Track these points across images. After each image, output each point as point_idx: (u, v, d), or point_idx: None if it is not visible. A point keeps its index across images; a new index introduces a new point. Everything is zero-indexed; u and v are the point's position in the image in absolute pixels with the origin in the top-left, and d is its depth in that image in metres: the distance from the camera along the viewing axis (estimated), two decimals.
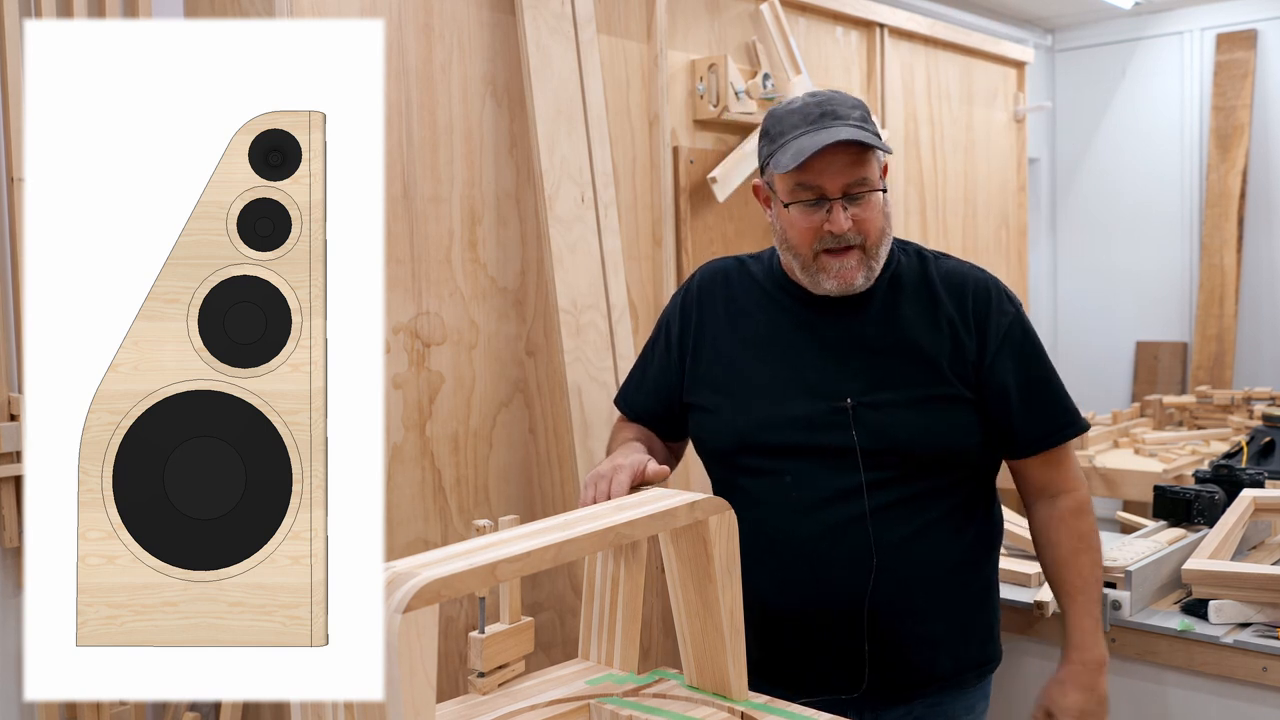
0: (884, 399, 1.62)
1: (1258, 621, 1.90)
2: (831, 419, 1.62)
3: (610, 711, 1.36)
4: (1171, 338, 5.77)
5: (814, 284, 1.64)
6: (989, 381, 1.65)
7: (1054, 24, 5.98)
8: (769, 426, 1.65)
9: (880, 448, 1.61)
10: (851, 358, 1.64)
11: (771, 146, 1.62)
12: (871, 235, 1.60)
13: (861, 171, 1.58)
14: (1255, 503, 2.17)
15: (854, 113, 1.60)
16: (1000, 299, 1.69)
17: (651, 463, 1.56)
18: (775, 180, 1.63)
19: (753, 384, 1.68)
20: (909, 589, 1.63)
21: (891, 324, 1.65)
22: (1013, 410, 1.66)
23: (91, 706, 2.18)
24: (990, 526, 1.76)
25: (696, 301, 1.79)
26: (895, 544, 1.61)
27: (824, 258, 1.60)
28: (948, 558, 1.66)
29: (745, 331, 1.72)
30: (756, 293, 1.74)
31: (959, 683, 1.70)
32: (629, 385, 1.90)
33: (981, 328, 1.65)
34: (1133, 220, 5.88)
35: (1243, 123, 5.46)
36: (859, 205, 1.59)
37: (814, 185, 1.58)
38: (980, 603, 1.73)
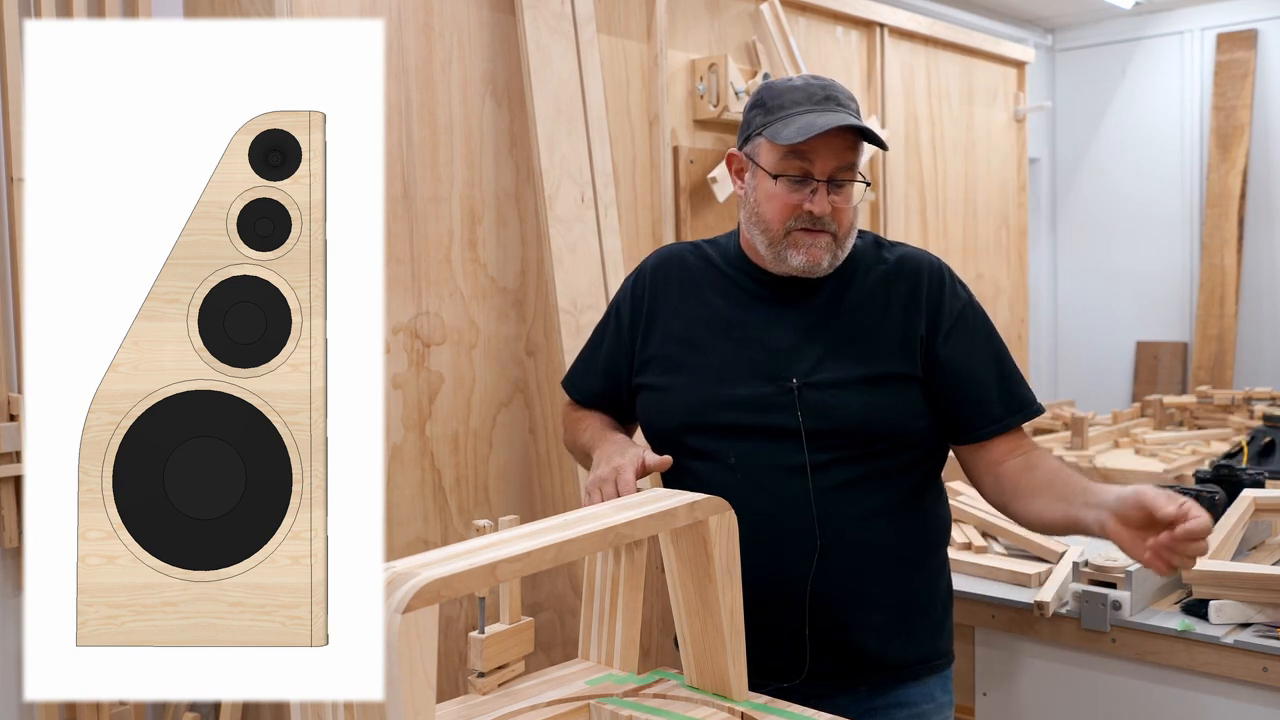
0: (829, 379, 1.61)
1: (1258, 621, 1.89)
2: (776, 399, 1.62)
3: (610, 712, 1.36)
4: (1172, 338, 5.77)
5: (778, 260, 1.64)
6: (941, 363, 1.64)
7: (1054, 24, 5.97)
8: (714, 407, 1.65)
9: (824, 428, 1.60)
10: (801, 339, 1.65)
11: (768, 118, 1.62)
12: (844, 225, 1.62)
13: (851, 157, 1.60)
14: (1255, 503, 2.17)
15: (852, 104, 1.63)
16: (953, 283, 1.70)
17: (648, 453, 1.58)
18: (762, 150, 1.63)
19: (701, 364, 1.68)
20: (854, 574, 1.62)
21: (843, 306, 1.66)
22: (966, 392, 1.65)
23: (91, 706, 2.18)
24: (938, 519, 1.75)
25: (649, 284, 1.78)
26: (840, 528, 1.60)
27: (796, 234, 1.61)
28: (894, 545, 1.65)
29: (697, 312, 1.72)
30: (712, 274, 1.74)
31: (913, 674, 1.68)
32: (577, 369, 1.88)
33: (934, 310, 1.66)
34: (1133, 220, 5.88)
35: (1243, 122, 5.46)
36: (840, 193, 1.60)
37: (806, 160, 1.58)
38: (929, 594, 1.72)
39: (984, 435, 1.66)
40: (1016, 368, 1.72)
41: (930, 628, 1.71)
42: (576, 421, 1.86)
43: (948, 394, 1.65)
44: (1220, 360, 5.44)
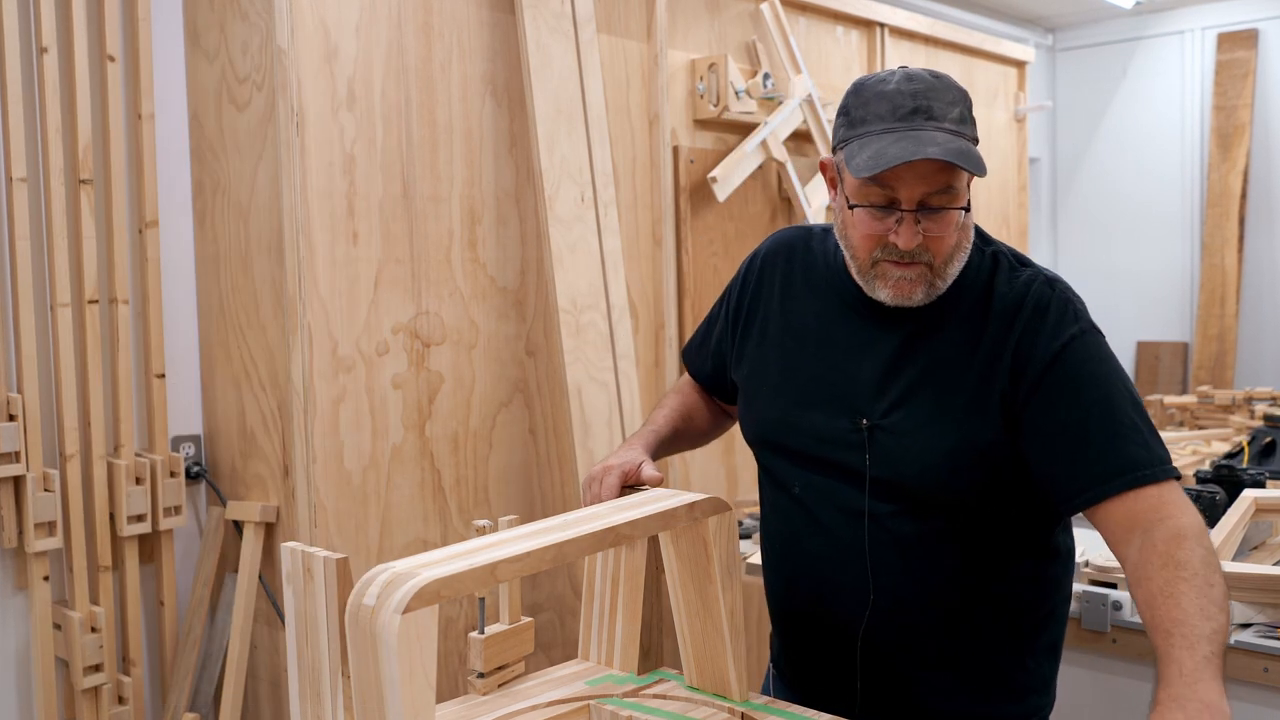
0: (903, 424, 1.43)
1: (1259, 622, 1.89)
2: (846, 436, 1.46)
3: (610, 712, 1.35)
4: (1172, 338, 5.77)
5: (868, 289, 1.45)
6: (1028, 423, 1.39)
7: (1055, 23, 5.97)
8: (787, 430, 1.53)
9: (888, 476, 1.44)
10: (885, 371, 1.46)
11: (848, 134, 1.40)
12: (941, 254, 1.39)
13: (946, 180, 1.35)
14: (1256, 503, 2.17)
15: (951, 111, 1.37)
16: (1059, 322, 1.42)
17: (646, 465, 1.52)
18: (844, 172, 1.41)
19: (785, 382, 1.55)
20: (910, 632, 1.46)
21: (939, 338, 1.45)
22: (1065, 454, 1.36)
23: (91, 706, 2.18)
24: (1039, 579, 1.52)
25: (759, 272, 1.64)
26: (897, 586, 1.45)
27: (884, 265, 1.40)
28: (965, 611, 1.46)
29: (792, 318, 1.57)
30: (814, 277, 1.58)
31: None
32: (694, 343, 1.80)
33: (1023, 358, 1.39)
34: (1134, 220, 5.87)
35: (1244, 122, 5.46)
36: (934, 220, 1.37)
37: (888, 186, 1.36)
38: (1020, 651, 1.51)
39: (1078, 505, 1.37)
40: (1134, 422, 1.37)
41: (1015, 687, 1.51)
42: (664, 400, 1.79)
43: (1041, 457, 1.39)
44: (1221, 360, 5.43)
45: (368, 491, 2.30)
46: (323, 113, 2.22)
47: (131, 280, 2.27)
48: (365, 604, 1.04)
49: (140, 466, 2.22)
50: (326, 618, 1.13)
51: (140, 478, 2.22)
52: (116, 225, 2.22)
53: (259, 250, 2.24)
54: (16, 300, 2.08)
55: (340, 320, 2.25)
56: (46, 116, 2.12)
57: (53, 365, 2.16)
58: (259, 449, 2.28)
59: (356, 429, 2.27)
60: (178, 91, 2.37)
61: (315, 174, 2.21)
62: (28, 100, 2.13)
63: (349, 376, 2.26)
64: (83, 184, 2.16)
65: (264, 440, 2.27)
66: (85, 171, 2.16)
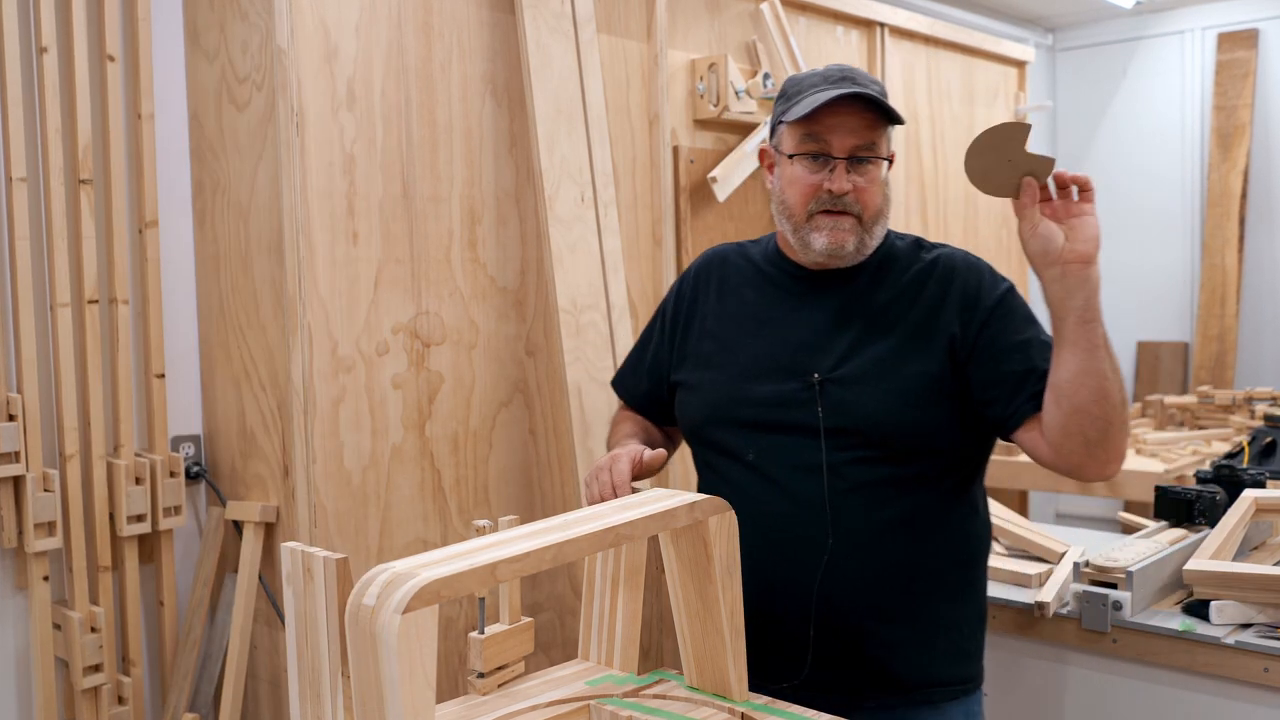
0: (853, 374, 1.57)
1: (1259, 622, 1.89)
2: (798, 395, 1.59)
3: (610, 712, 1.35)
4: (1173, 337, 5.76)
5: (804, 247, 1.61)
6: (988, 349, 1.57)
7: (1055, 23, 5.97)
8: (737, 403, 1.64)
9: (843, 425, 1.56)
10: (829, 333, 1.61)
11: (786, 104, 1.61)
12: (870, 207, 1.59)
13: (871, 136, 1.57)
14: (1257, 503, 2.17)
15: (874, 85, 1.60)
16: (993, 278, 1.66)
17: (647, 451, 1.58)
18: (784, 135, 1.61)
19: (730, 361, 1.67)
20: (866, 584, 1.56)
21: (874, 301, 1.62)
22: (1011, 368, 1.55)
23: (91, 707, 2.18)
24: (969, 535, 1.66)
25: (693, 284, 1.79)
26: (855, 532, 1.55)
27: (818, 218, 1.58)
28: (913, 557, 1.58)
29: (732, 309, 1.71)
30: (750, 272, 1.73)
31: (925, 697, 1.60)
32: (625, 369, 1.91)
33: (970, 304, 1.60)
34: (1134, 220, 5.87)
35: (1244, 122, 5.45)
36: (862, 172, 1.57)
37: (822, 139, 1.56)
38: (952, 613, 1.63)
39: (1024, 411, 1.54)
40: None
41: (953, 650, 1.63)
42: (616, 425, 1.88)
43: (990, 377, 1.56)
44: (1221, 360, 5.43)
45: (368, 491, 2.30)
46: (323, 113, 2.22)
47: (131, 280, 2.27)
48: (365, 604, 1.04)
49: (140, 466, 2.22)
50: (326, 618, 1.13)
51: (140, 478, 2.22)
52: (116, 225, 2.22)
53: (259, 250, 2.24)
54: (16, 300, 2.08)
55: (340, 320, 2.25)
56: (46, 116, 2.12)
57: (52, 365, 2.15)
58: (259, 449, 2.28)
59: (356, 429, 2.27)
60: (178, 91, 2.37)
61: (315, 174, 2.20)
62: (27, 100, 2.13)
63: (349, 376, 2.26)
64: (83, 184, 2.16)
65: (264, 440, 2.27)
66: (85, 171, 2.16)
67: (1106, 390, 1.44)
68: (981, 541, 1.69)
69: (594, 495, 1.56)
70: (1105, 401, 1.44)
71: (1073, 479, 1.57)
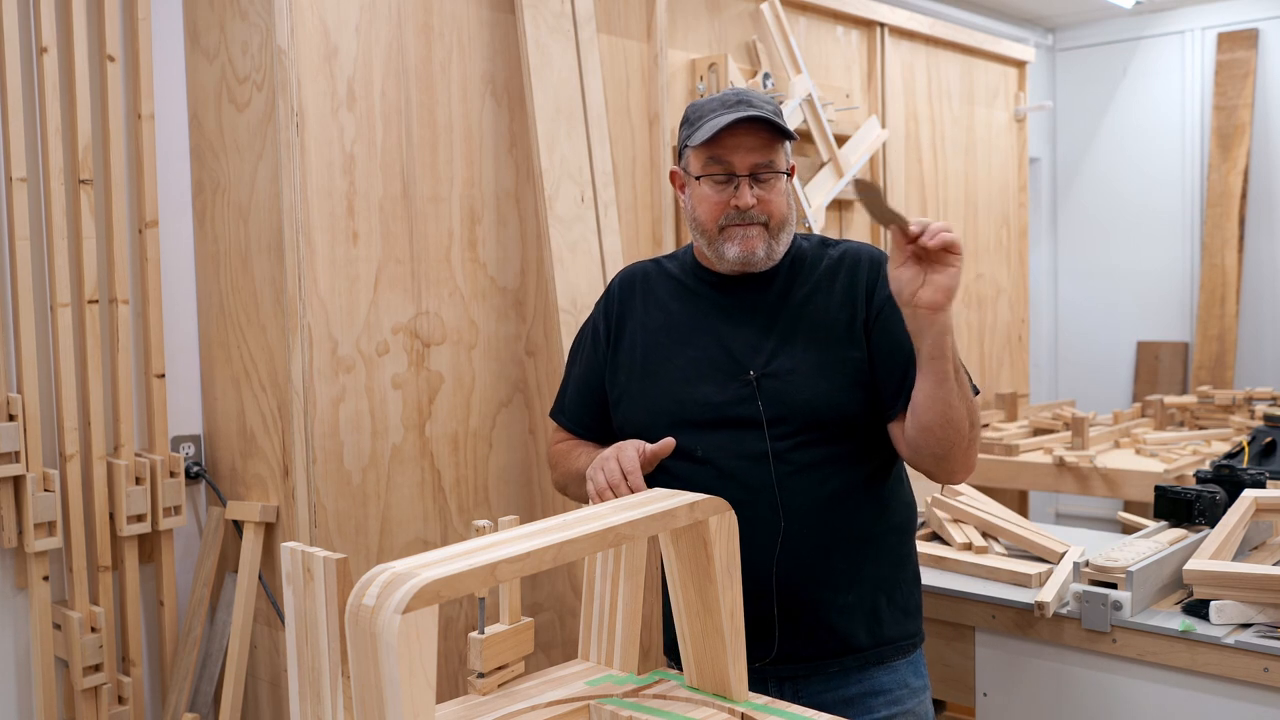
0: (785, 367, 1.71)
1: (1259, 622, 1.89)
2: (738, 392, 1.71)
3: (610, 712, 1.35)
4: (1172, 338, 5.76)
5: (719, 257, 1.74)
6: (879, 340, 1.71)
7: (1055, 23, 5.97)
8: (680, 405, 1.74)
9: (782, 414, 1.69)
10: (756, 334, 1.74)
11: (690, 129, 1.73)
12: (775, 216, 1.71)
13: (769, 155, 1.70)
14: (1256, 503, 2.17)
15: (767, 105, 1.71)
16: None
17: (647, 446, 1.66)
18: (690, 159, 1.74)
19: (666, 368, 1.77)
20: (817, 555, 1.69)
21: (792, 299, 1.75)
22: (895, 364, 1.70)
23: (91, 707, 2.18)
24: (900, 503, 1.81)
25: (617, 301, 1.89)
26: (803, 510, 1.68)
27: (729, 229, 1.71)
28: (856, 526, 1.72)
29: (659, 321, 1.82)
30: (671, 285, 1.84)
31: (879, 657, 1.74)
32: (560, 398, 1.97)
33: (872, 291, 1.73)
34: (1134, 220, 5.87)
35: (1244, 122, 5.45)
36: (764, 186, 1.70)
37: (724, 161, 1.69)
38: (894, 576, 1.77)
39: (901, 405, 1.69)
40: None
41: (897, 610, 1.77)
42: (566, 455, 1.92)
43: (876, 367, 1.71)
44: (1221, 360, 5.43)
45: (368, 491, 2.30)
46: (322, 112, 2.22)
47: (131, 280, 2.27)
48: (365, 604, 1.04)
49: (140, 466, 2.22)
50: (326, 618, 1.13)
51: (140, 478, 2.22)
52: (116, 225, 2.22)
53: (259, 250, 2.24)
54: (16, 300, 2.08)
55: (340, 320, 2.25)
56: (46, 117, 2.12)
57: (52, 365, 2.16)
58: (259, 449, 2.28)
59: (356, 429, 2.27)
60: (177, 91, 2.37)
61: (315, 174, 2.21)
62: (27, 100, 2.13)
63: (349, 376, 2.26)
64: (82, 184, 2.16)
65: (264, 440, 2.27)
66: (85, 171, 2.16)
67: (950, 416, 1.60)
68: (910, 507, 1.85)
69: (600, 484, 1.62)
70: (949, 426, 1.61)
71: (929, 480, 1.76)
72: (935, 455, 1.66)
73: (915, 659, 1.80)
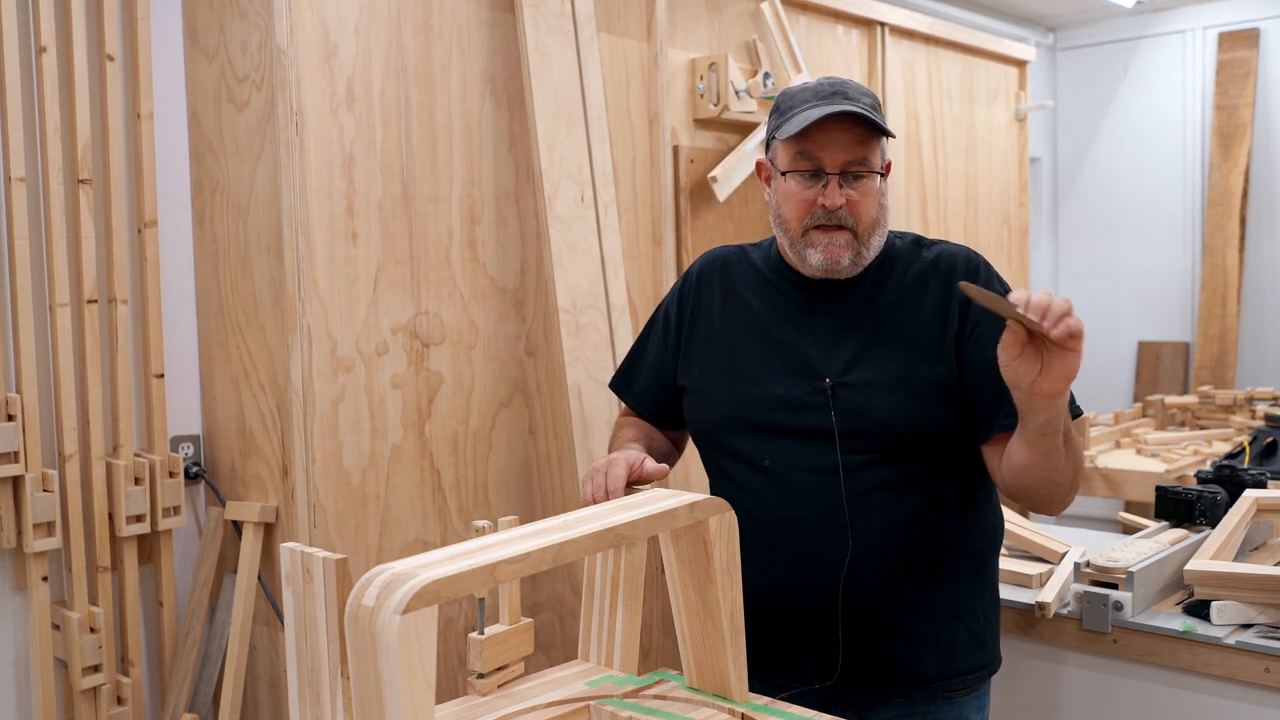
0: (863, 379, 1.59)
1: (1260, 622, 1.89)
2: (810, 399, 1.60)
3: (610, 713, 1.35)
4: (1173, 337, 5.76)
5: (801, 261, 1.63)
6: (972, 356, 1.59)
7: (1056, 22, 5.97)
8: (750, 407, 1.65)
9: (857, 429, 1.58)
10: (836, 339, 1.63)
11: (780, 119, 1.62)
12: (864, 220, 1.60)
13: (863, 151, 1.58)
14: (1258, 503, 2.16)
15: (864, 98, 1.60)
16: (989, 277, 1.66)
17: (648, 461, 1.57)
18: (778, 151, 1.63)
19: (739, 365, 1.68)
20: (888, 580, 1.59)
21: (878, 305, 1.64)
22: (986, 387, 1.56)
23: (90, 707, 2.18)
24: (983, 527, 1.70)
25: (695, 287, 1.79)
26: (874, 531, 1.57)
27: (813, 233, 1.60)
28: (934, 552, 1.61)
29: (737, 314, 1.72)
30: (753, 277, 1.74)
31: (946, 689, 1.64)
32: (624, 370, 1.90)
33: (965, 304, 1.61)
34: (1135, 220, 5.87)
35: (1245, 121, 5.45)
36: (855, 186, 1.58)
37: (814, 156, 1.58)
38: (974, 604, 1.67)
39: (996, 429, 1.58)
40: None
41: (971, 639, 1.66)
42: (618, 430, 1.87)
43: (971, 383, 1.59)
44: (1222, 360, 5.43)
45: (367, 492, 2.29)
46: (322, 112, 2.22)
47: (130, 280, 2.27)
48: (365, 604, 1.04)
49: (139, 467, 2.22)
50: (326, 618, 1.12)
51: (139, 478, 2.22)
52: (115, 225, 2.21)
53: (258, 250, 2.24)
54: (15, 300, 2.08)
55: (340, 320, 2.25)
56: (45, 116, 2.12)
57: (52, 365, 2.15)
58: (258, 449, 2.28)
59: (356, 429, 2.27)
60: (177, 91, 2.37)
61: (315, 173, 2.20)
62: (27, 100, 2.12)
63: (348, 376, 2.26)
64: (82, 184, 2.16)
65: (263, 440, 2.26)
66: (84, 171, 2.16)
67: (1055, 479, 1.51)
68: (995, 530, 1.73)
69: (587, 496, 1.56)
70: (1051, 485, 1.52)
71: None
72: (1034, 503, 1.56)
73: (981, 696, 1.69)
